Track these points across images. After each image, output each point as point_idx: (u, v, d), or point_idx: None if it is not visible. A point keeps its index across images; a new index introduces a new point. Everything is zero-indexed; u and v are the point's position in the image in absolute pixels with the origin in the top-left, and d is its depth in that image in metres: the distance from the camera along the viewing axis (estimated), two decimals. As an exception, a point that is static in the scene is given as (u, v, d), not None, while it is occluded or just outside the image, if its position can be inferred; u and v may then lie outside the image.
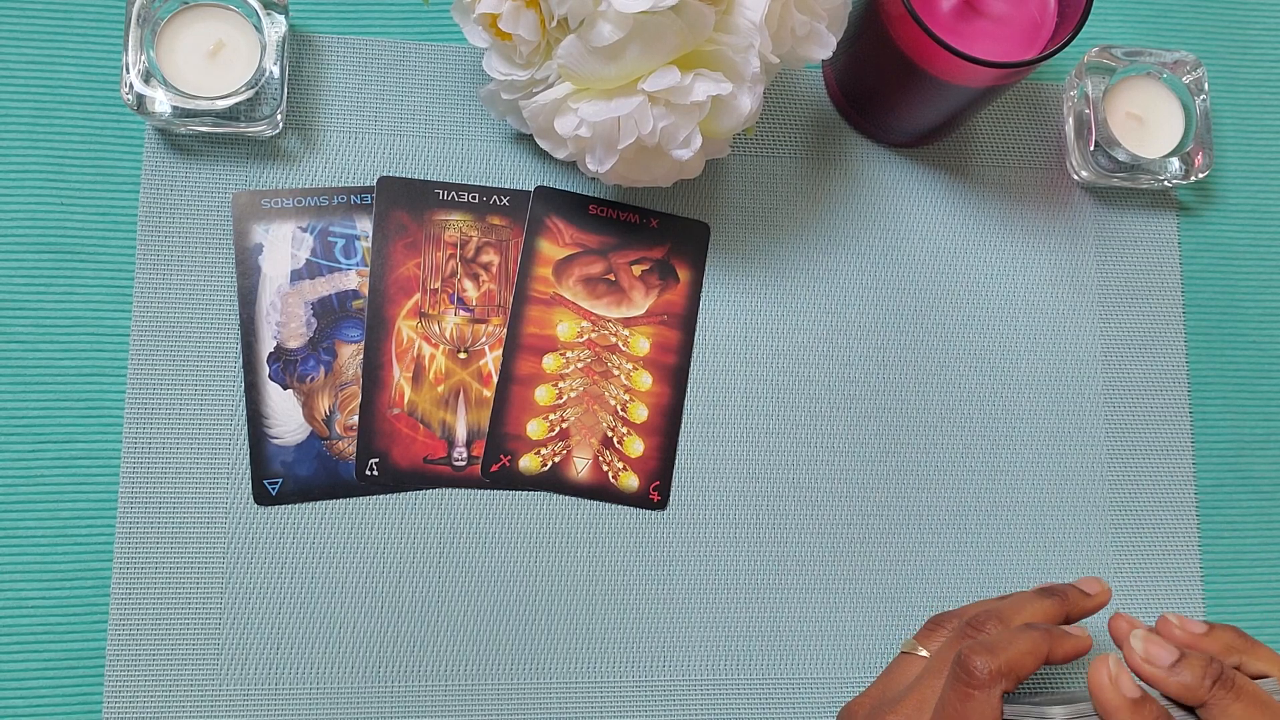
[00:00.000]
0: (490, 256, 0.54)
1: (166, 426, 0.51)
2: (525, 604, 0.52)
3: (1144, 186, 0.58)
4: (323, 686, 0.51)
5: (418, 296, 0.53)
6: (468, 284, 0.54)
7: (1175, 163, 0.57)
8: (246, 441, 0.52)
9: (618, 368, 0.54)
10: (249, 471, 0.51)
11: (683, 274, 0.56)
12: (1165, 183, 0.58)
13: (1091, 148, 0.57)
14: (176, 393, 0.51)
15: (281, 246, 0.53)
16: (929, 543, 0.56)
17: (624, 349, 0.55)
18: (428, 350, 0.53)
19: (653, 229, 0.56)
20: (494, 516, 0.53)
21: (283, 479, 0.51)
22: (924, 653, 0.47)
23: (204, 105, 0.50)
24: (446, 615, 0.52)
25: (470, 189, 0.54)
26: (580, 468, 0.53)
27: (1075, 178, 0.59)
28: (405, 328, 0.53)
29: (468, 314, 0.54)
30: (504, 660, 0.52)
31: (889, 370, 0.57)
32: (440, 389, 0.53)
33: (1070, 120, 0.58)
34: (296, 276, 0.53)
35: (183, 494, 0.51)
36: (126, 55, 0.50)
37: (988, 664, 0.42)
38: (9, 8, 0.53)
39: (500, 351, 0.54)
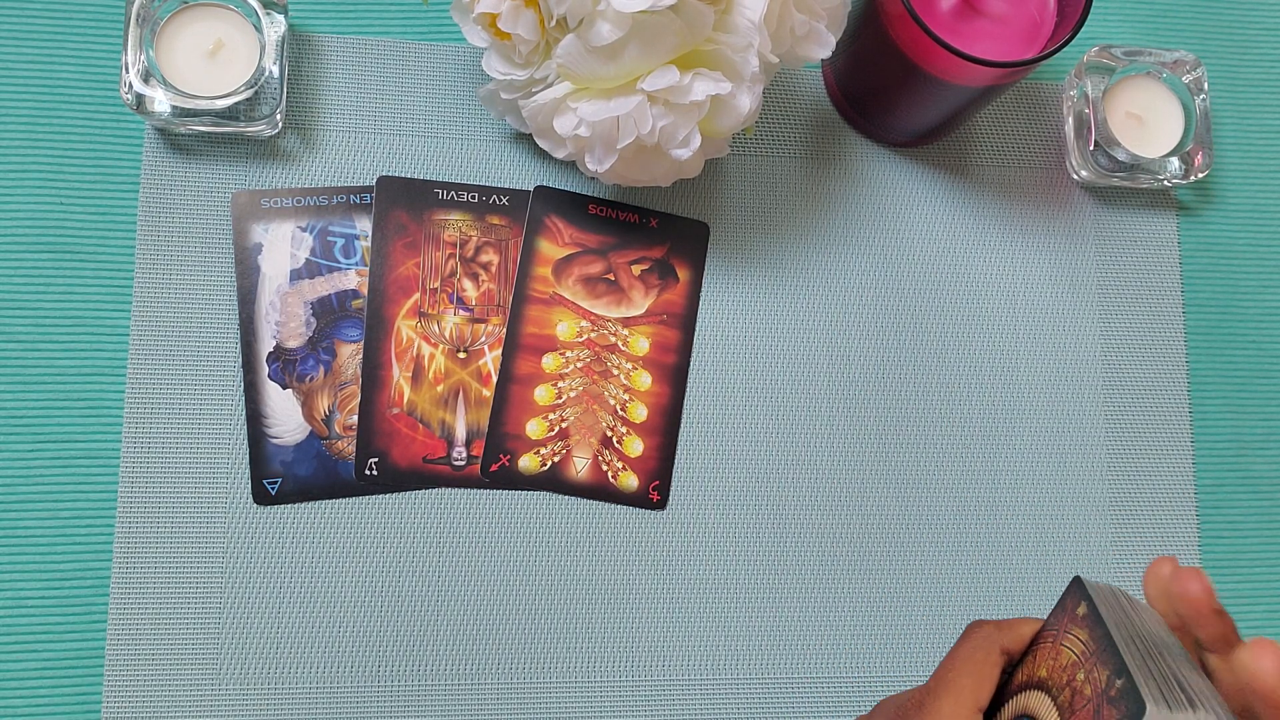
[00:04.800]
0: (490, 256, 0.54)
1: (166, 426, 0.51)
2: (524, 604, 0.52)
3: (1144, 186, 0.58)
4: (322, 686, 0.51)
5: (417, 296, 0.53)
6: (467, 283, 0.54)
7: (1175, 162, 0.57)
8: (246, 441, 0.52)
9: (617, 367, 0.54)
10: (248, 471, 0.51)
11: (682, 274, 0.56)
12: (1165, 182, 0.58)
13: (1091, 147, 0.57)
14: (176, 392, 0.51)
15: (281, 246, 0.53)
16: (929, 541, 0.56)
17: (623, 348, 0.55)
18: (427, 350, 0.53)
19: (652, 229, 0.56)
20: (493, 516, 0.53)
21: (282, 478, 0.51)
22: None
23: (203, 105, 0.50)
24: (445, 615, 0.52)
25: (470, 189, 0.54)
26: (580, 467, 0.53)
27: (1075, 177, 0.59)
28: (405, 327, 0.53)
29: (467, 314, 0.54)
30: (503, 660, 0.52)
31: (889, 370, 0.57)
32: (440, 388, 0.53)
33: (1070, 120, 0.58)
34: (296, 276, 0.53)
35: (182, 494, 0.51)
36: (126, 55, 0.50)
37: (988, 620, 0.42)
38: (9, 8, 0.53)
39: (500, 351, 0.54)
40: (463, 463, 0.53)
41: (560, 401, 0.54)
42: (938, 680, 0.41)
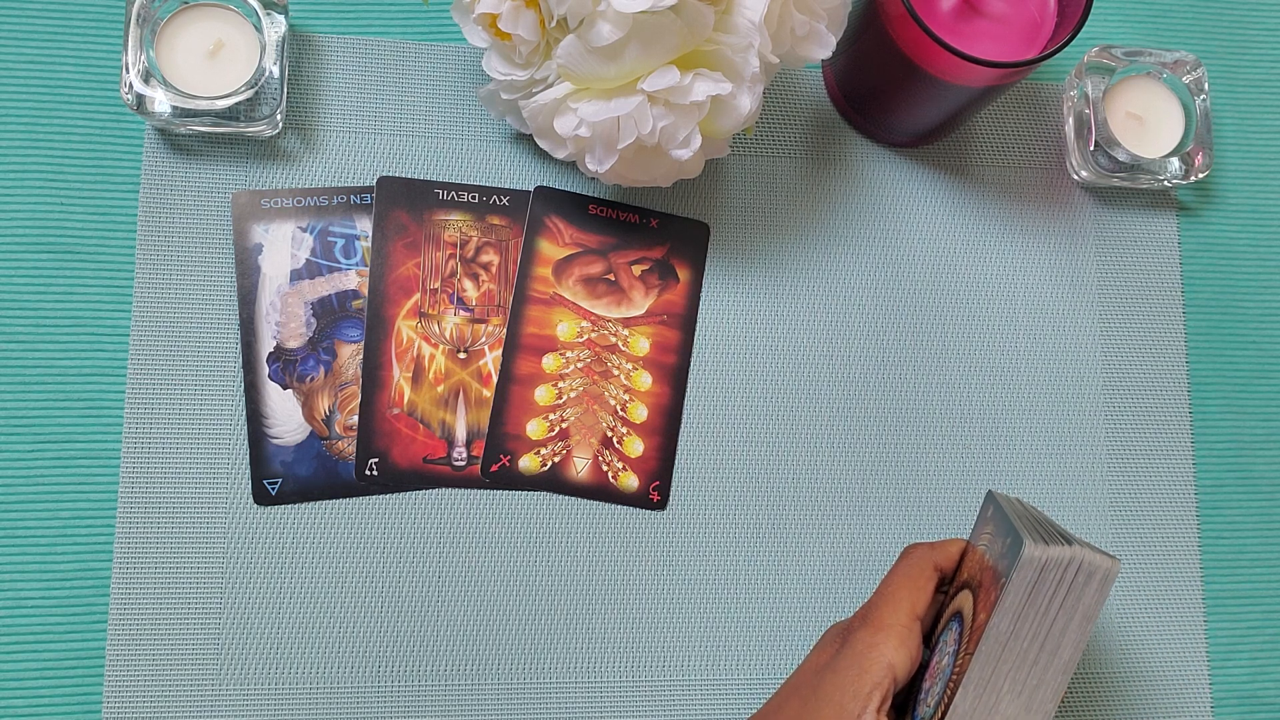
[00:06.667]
0: (490, 256, 0.54)
1: (166, 426, 0.51)
2: (525, 604, 0.52)
3: (1144, 186, 0.58)
4: (322, 686, 0.51)
5: (417, 296, 0.53)
6: (467, 284, 0.54)
7: (1175, 163, 0.57)
8: (246, 441, 0.52)
9: (617, 368, 0.54)
10: (249, 471, 0.51)
11: (682, 274, 0.56)
12: (1165, 183, 0.58)
13: (1091, 148, 0.57)
14: (176, 393, 0.51)
15: (281, 246, 0.53)
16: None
17: (624, 349, 0.55)
18: (427, 350, 0.53)
19: (652, 229, 0.56)
20: (494, 516, 0.53)
21: (282, 479, 0.51)
22: None
23: (204, 105, 0.50)
24: (446, 615, 0.52)
25: (470, 189, 0.54)
26: (580, 468, 0.53)
27: (1075, 178, 0.59)
28: (405, 328, 0.53)
29: (467, 314, 0.54)
30: (503, 660, 0.52)
31: (889, 370, 0.57)
32: (440, 389, 0.53)
33: (1070, 120, 0.58)
34: (296, 276, 0.53)
35: (182, 494, 0.51)
36: (126, 55, 0.50)
37: (921, 542, 0.48)
38: (9, 8, 0.53)
39: (500, 351, 0.54)
40: (463, 463, 0.53)
41: (560, 402, 0.54)
42: (878, 595, 0.46)
